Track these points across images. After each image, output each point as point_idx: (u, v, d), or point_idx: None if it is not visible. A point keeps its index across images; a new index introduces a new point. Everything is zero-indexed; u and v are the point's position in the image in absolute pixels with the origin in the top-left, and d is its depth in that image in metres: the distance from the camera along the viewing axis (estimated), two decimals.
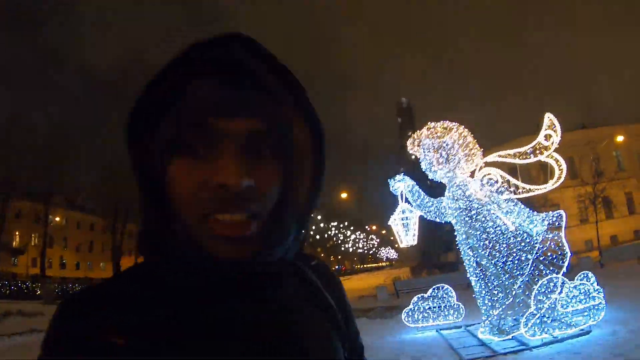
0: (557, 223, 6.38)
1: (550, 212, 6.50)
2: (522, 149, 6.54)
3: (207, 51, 0.57)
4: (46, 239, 44.03)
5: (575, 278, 6.84)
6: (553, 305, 6.18)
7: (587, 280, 6.87)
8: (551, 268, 6.25)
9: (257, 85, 0.57)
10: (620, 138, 39.05)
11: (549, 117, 6.68)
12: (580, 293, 6.62)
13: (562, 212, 6.51)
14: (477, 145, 6.38)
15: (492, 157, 6.55)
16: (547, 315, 6.18)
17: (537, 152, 6.56)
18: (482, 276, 6.48)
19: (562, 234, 6.46)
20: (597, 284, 6.93)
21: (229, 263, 0.56)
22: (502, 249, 6.18)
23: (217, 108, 0.55)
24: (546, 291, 6.02)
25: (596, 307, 6.77)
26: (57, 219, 50.89)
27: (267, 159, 0.58)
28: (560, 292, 6.31)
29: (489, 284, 6.35)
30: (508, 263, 6.23)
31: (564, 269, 6.44)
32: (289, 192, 0.61)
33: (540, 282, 5.97)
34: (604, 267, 21.14)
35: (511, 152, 6.57)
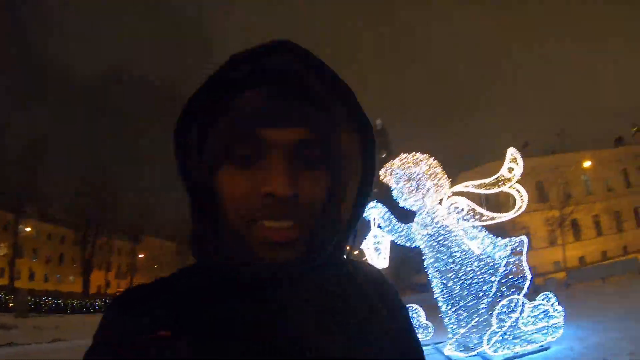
0: (519, 248, 6.86)
1: (514, 238, 6.98)
2: (486, 180, 7.04)
3: (253, 61, 0.59)
4: (16, 249, 42.94)
5: (537, 298, 7.33)
6: (514, 324, 6.63)
7: (547, 301, 7.35)
8: (513, 289, 6.72)
9: (304, 94, 0.60)
10: (587, 164, 40.39)
11: (511, 152, 7.20)
12: (540, 312, 7.10)
13: (524, 238, 7.00)
14: (445, 176, 6.86)
15: (459, 187, 7.04)
16: (508, 333, 6.62)
17: (500, 183, 7.06)
18: (448, 297, 6.91)
19: (524, 258, 6.94)
20: (558, 304, 7.41)
21: (275, 265, 0.59)
22: (467, 271, 6.63)
23: (265, 119, 0.57)
24: (507, 311, 6.47)
25: (555, 325, 7.25)
26: (28, 229, 49.62)
27: (314, 167, 0.60)
28: (522, 312, 6.77)
29: (455, 305, 6.78)
30: (473, 285, 6.67)
31: (525, 290, 6.91)
32: (334, 199, 0.63)
33: (501, 302, 6.42)
34: (569, 287, 21.91)
35: (476, 182, 7.07)
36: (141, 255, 66.11)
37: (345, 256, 0.71)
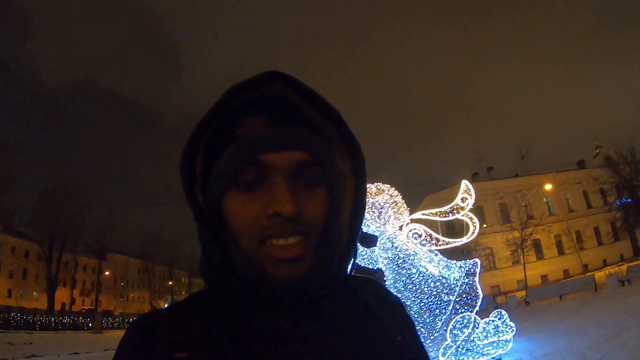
0: (472, 270, 7.51)
1: (468, 260, 7.63)
2: (442, 209, 7.70)
3: (251, 91, 0.64)
4: None
5: (491, 315, 7.99)
6: (468, 338, 7.25)
7: (499, 317, 8.02)
8: (466, 307, 7.35)
9: (300, 120, 0.64)
10: (548, 186, 41.96)
11: (465, 183, 7.90)
12: (492, 328, 7.76)
13: (477, 260, 7.66)
14: (404, 205, 7.47)
15: (418, 215, 7.68)
16: (462, 346, 7.23)
17: (455, 211, 7.75)
18: None
19: (477, 279, 7.59)
20: (510, 320, 8.09)
21: (287, 282, 0.61)
22: (424, 291, 7.23)
23: (266, 144, 0.60)
24: (460, 326, 7.09)
25: (505, 339, 7.92)
26: None
27: (314, 187, 0.63)
28: (475, 327, 7.41)
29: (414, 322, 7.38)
30: (430, 304, 7.27)
31: (477, 308, 7.56)
32: (334, 215, 0.66)
33: (454, 319, 7.05)
34: (529, 304, 22.79)
35: (433, 211, 7.72)
36: (107, 273, 64.88)
37: (349, 272, 0.73)
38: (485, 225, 41.79)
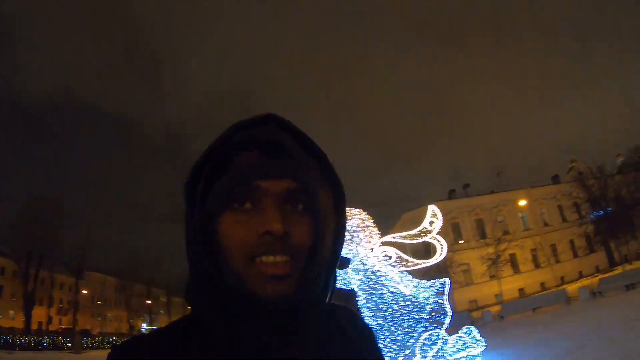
0: (441, 288, 7.93)
1: (437, 280, 8.06)
2: (411, 232, 8.14)
3: (249, 129, 0.73)
4: None
5: (460, 331, 8.39)
6: (437, 354, 7.64)
7: (468, 333, 8.42)
8: (435, 325, 7.76)
9: (289, 156, 0.71)
10: (523, 202, 42.98)
11: (432, 208, 8.36)
12: (461, 343, 8.16)
13: (446, 279, 8.08)
14: (375, 229, 7.89)
15: (388, 238, 8.10)
16: None
17: (423, 234, 8.20)
18: (380, 333, 7.87)
19: (445, 297, 8.01)
20: (480, 335, 8.48)
21: (274, 300, 0.66)
22: (395, 310, 7.62)
23: (261, 171, 0.68)
24: (429, 343, 7.49)
25: (474, 355, 8.31)
26: None
27: (301, 213, 0.70)
28: (444, 343, 7.80)
29: (386, 340, 7.73)
30: (401, 322, 7.66)
31: (446, 325, 7.96)
32: (318, 242, 0.70)
33: (423, 335, 7.45)
34: (503, 319, 23.29)
35: (403, 234, 8.15)
36: (85, 291, 63.85)
37: (328, 300, 0.77)
38: (461, 242, 42.61)
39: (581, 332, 12.30)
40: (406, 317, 7.57)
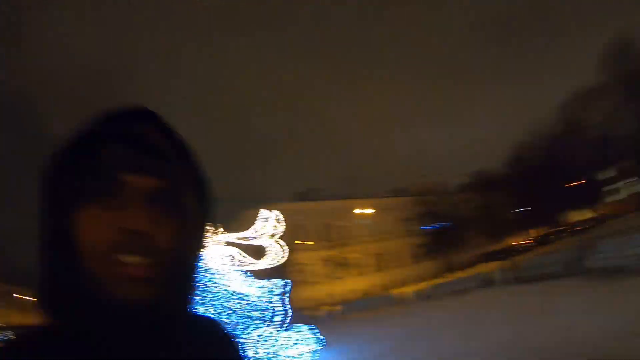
0: (281, 288, 8.29)
1: (277, 279, 8.40)
2: (246, 234, 8.43)
3: (118, 121, 0.68)
4: None
5: (294, 329, 8.81)
6: (269, 351, 7.97)
7: (301, 331, 8.88)
8: (270, 323, 8.09)
9: (159, 153, 0.66)
10: (369, 210, 46.07)
11: (265, 214, 8.70)
12: (296, 340, 8.58)
13: (288, 280, 8.45)
14: (221, 227, 8.08)
15: (224, 237, 8.30)
16: (264, 358, 7.92)
17: (261, 236, 8.55)
18: None
19: (286, 297, 8.38)
20: (316, 333, 8.93)
21: (136, 304, 0.61)
22: (231, 308, 7.82)
23: (128, 167, 0.63)
24: (261, 340, 7.80)
25: (307, 352, 8.79)
26: None
27: (166, 213, 0.65)
28: (277, 340, 8.15)
29: None
30: (237, 320, 7.86)
31: (283, 323, 8.33)
32: (183, 245, 0.67)
33: (256, 333, 7.75)
34: (343, 317, 24.62)
35: (240, 235, 8.41)
36: None
37: (189, 308, 0.73)
38: (306, 242, 44.24)
39: (411, 329, 13.63)
40: (240, 316, 7.79)
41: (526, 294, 15.47)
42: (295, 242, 41.16)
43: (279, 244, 8.64)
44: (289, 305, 8.50)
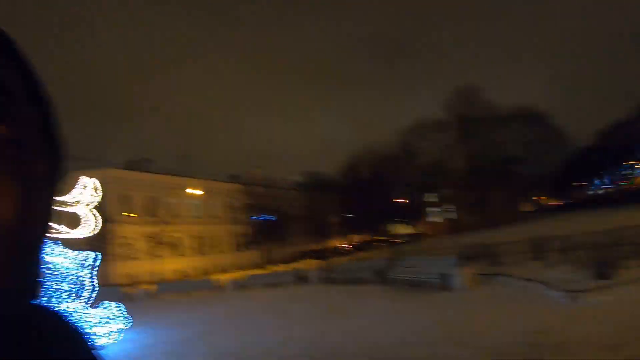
0: (91, 262, 7.85)
1: (89, 252, 7.94)
2: (62, 199, 7.83)
3: None
4: None
5: (100, 305, 8.40)
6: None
7: (109, 309, 8.52)
8: (76, 297, 7.62)
9: (7, 95, 0.43)
10: (198, 191, 45.29)
11: (83, 179, 8.20)
12: (102, 318, 8.21)
13: (98, 254, 8.03)
14: None
15: None
16: None
17: (79, 204, 8.02)
18: None
19: (94, 271, 7.96)
20: (122, 312, 8.64)
21: None
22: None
23: None
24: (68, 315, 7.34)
25: (112, 330, 8.47)
26: None
27: (6, 176, 0.41)
28: (82, 317, 7.71)
29: None
30: (44, 292, 7.28)
31: (89, 298, 7.91)
32: (25, 219, 0.43)
33: (60, 307, 7.25)
34: (157, 297, 24.02)
35: (58, 199, 7.81)
36: None
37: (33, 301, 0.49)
38: (130, 215, 41.91)
39: (222, 317, 13.95)
40: (50, 287, 7.20)
41: (336, 295, 16.79)
42: (123, 213, 39.32)
43: (94, 214, 8.17)
44: (96, 280, 8.11)
